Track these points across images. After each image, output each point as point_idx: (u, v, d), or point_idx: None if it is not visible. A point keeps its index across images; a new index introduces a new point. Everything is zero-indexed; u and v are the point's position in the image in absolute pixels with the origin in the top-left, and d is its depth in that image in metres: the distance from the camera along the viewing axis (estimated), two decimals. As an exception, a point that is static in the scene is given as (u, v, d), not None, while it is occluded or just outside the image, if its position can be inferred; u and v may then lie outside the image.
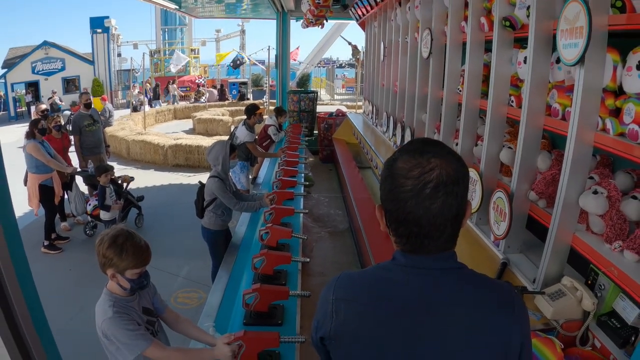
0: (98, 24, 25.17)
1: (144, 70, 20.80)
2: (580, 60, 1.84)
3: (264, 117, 7.78)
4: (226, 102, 21.20)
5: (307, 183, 5.25)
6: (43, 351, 1.88)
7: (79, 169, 6.78)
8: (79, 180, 6.75)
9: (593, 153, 2.07)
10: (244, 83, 24.02)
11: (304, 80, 17.87)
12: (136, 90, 21.60)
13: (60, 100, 20.33)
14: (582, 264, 2.08)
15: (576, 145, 1.94)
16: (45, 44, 24.09)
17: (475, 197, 2.83)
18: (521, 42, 2.65)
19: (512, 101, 2.69)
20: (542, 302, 1.92)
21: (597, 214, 1.90)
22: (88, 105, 7.35)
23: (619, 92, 1.87)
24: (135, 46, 28.76)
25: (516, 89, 2.75)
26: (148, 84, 22.45)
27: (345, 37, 16.43)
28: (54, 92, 21.35)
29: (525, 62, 2.46)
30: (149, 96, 21.59)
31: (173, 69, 21.88)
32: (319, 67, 29.30)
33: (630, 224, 1.87)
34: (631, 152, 1.69)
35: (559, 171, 2.12)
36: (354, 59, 13.33)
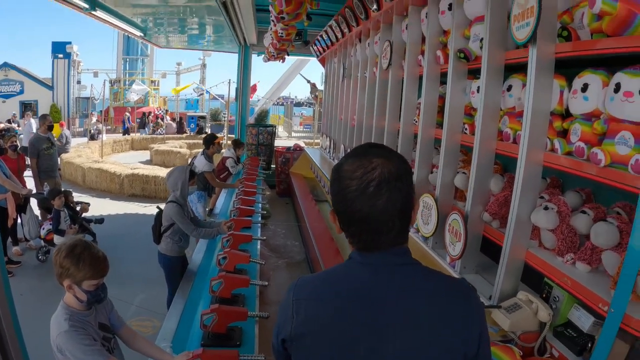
0: (60, 49, 24.85)
1: (103, 99, 20.50)
2: (532, 38, 1.96)
3: (223, 150, 7.82)
4: (184, 135, 21.10)
5: (265, 212, 5.24)
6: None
7: (34, 191, 6.56)
8: (33, 204, 6.49)
9: (543, 175, 2.18)
10: (203, 117, 24.06)
11: (263, 116, 18.06)
12: (94, 119, 21.18)
13: (18, 125, 19.65)
14: (535, 282, 2.16)
15: (527, 165, 2.04)
16: (6, 65, 23.58)
17: (431, 221, 2.90)
18: (474, 74, 2.80)
19: (466, 129, 2.81)
20: (499, 316, 1.97)
21: (549, 228, 1.99)
22: (51, 128, 7.34)
23: (565, 114, 2.01)
24: (96, 74, 28.46)
25: (469, 118, 2.88)
26: (127, 113, 22.16)
27: (304, 75, 16.79)
28: (14, 115, 20.70)
29: (478, 91, 2.58)
30: (127, 125, 21.28)
31: (132, 99, 21.66)
32: (277, 104, 29.62)
33: (581, 237, 1.97)
34: (579, 168, 1.79)
35: (511, 193, 2.21)
36: (312, 96, 13.55)
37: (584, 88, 1.81)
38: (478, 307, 1.13)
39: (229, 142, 11.47)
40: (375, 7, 4.08)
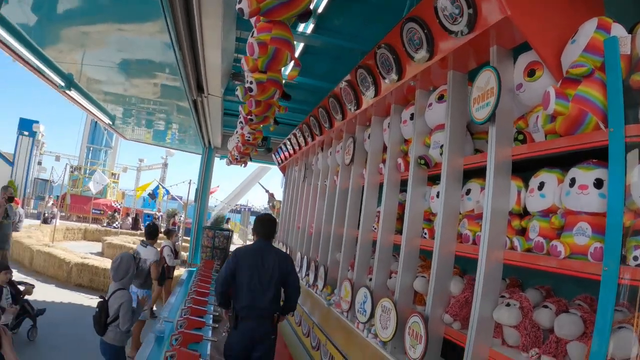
0: (26, 126, 24.76)
1: (62, 184, 20.03)
2: (491, 118, 2.06)
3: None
4: (138, 232, 20.52)
5: (217, 315, 4.98)
6: None
7: None
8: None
9: (502, 276, 2.19)
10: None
11: (219, 221, 17.82)
12: (50, 202, 20.79)
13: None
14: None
15: (487, 263, 2.06)
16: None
17: (389, 326, 2.80)
18: (433, 180, 2.91)
19: (426, 233, 2.84)
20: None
21: (511, 325, 1.96)
22: (11, 199, 7.35)
23: (523, 213, 2.07)
24: (58, 158, 28.33)
25: (429, 223, 2.94)
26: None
27: (263, 185, 17.06)
28: None
29: (437, 196, 2.66)
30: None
31: (93, 189, 21.30)
32: (234, 211, 29.56)
33: (544, 331, 1.94)
34: (538, 262, 1.82)
35: (471, 294, 2.20)
36: (269, 206, 13.60)
37: (541, 186, 1.90)
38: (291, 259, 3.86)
39: (184, 244, 11.28)
40: (340, 116, 4.29)
